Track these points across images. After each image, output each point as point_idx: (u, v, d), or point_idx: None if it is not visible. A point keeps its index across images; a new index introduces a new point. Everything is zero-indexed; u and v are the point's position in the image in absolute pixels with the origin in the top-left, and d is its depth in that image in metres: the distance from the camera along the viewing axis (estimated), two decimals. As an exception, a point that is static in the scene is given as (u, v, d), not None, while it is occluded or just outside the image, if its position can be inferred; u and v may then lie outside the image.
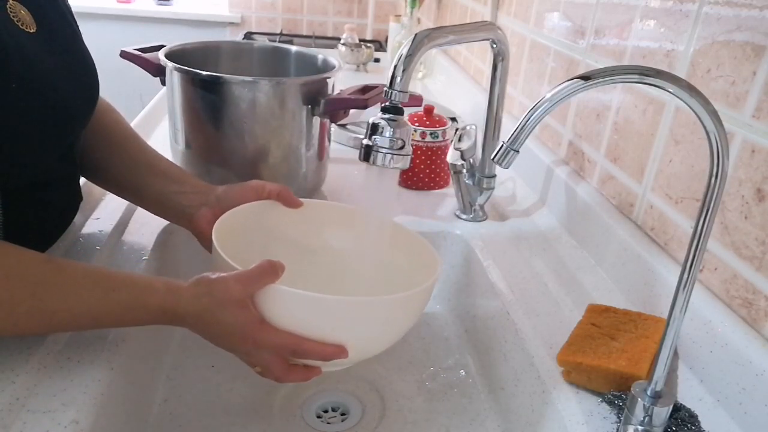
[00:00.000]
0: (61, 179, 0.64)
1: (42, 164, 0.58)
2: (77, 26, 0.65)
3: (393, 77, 0.59)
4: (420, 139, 0.95)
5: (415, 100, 1.08)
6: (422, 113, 0.97)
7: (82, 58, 0.63)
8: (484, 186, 0.86)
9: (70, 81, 0.59)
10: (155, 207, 0.71)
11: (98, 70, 0.66)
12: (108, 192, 0.83)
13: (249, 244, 0.64)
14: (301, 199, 0.68)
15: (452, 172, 0.88)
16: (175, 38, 0.95)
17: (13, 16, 0.53)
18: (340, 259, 0.70)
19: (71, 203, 0.70)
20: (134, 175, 0.70)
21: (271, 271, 0.51)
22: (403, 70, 0.59)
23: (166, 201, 0.69)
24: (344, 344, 0.53)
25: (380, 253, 0.67)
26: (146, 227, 0.76)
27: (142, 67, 0.87)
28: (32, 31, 0.55)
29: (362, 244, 0.69)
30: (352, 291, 0.54)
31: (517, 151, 0.47)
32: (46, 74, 0.55)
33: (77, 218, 0.74)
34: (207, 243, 0.61)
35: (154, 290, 0.51)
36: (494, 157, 0.48)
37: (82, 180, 0.74)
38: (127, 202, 0.80)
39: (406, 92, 0.60)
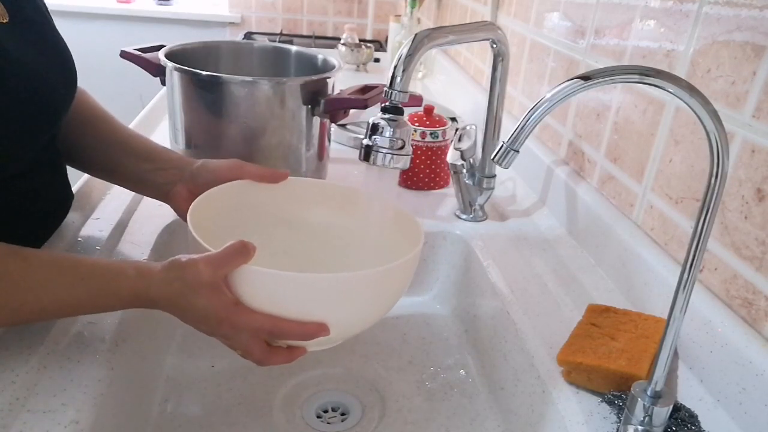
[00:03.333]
0: (44, 166, 0.64)
1: (25, 154, 0.57)
2: (49, 15, 0.65)
3: (393, 77, 0.59)
4: (420, 139, 0.95)
5: (415, 100, 1.08)
6: (422, 113, 0.97)
7: (57, 47, 0.63)
8: (484, 186, 0.86)
9: (49, 70, 0.58)
10: (132, 185, 0.71)
11: (98, 70, 0.66)
12: (108, 192, 0.83)
13: (230, 225, 0.63)
14: (288, 177, 0.66)
15: (452, 172, 0.88)
16: (175, 38, 0.95)
17: None
18: (325, 236, 0.69)
19: (60, 192, 0.69)
20: (108, 156, 0.70)
21: (242, 252, 0.49)
22: (403, 70, 0.59)
23: (141, 180, 0.68)
24: (324, 322, 0.52)
25: (367, 229, 0.65)
26: (146, 227, 0.76)
27: (142, 67, 0.87)
28: (5, 21, 0.54)
29: (348, 221, 0.68)
30: (337, 268, 0.52)
31: (517, 151, 0.47)
32: (23, 64, 0.54)
33: (77, 218, 0.74)
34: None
35: (125, 276, 0.50)
36: (494, 157, 0.48)
37: (82, 180, 0.74)
38: (127, 203, 0.80)
39: (406, 92, 0.60)
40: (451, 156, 0.88)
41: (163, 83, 0.86)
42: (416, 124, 0.95)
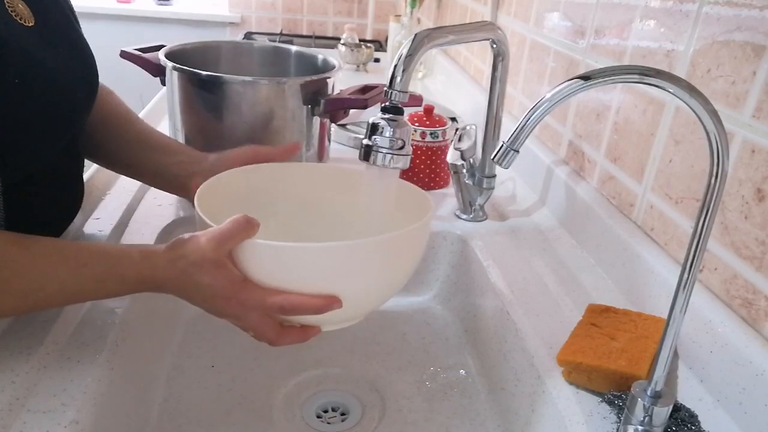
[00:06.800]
0: (63, 172, 0.64)
1: (44, 157, 0.58)
2: (76, 19, 0.65)
3: (393, 77, 0.59)
4: (420, 139, 0.95)
5: (415, 100, 1.08)
6: (422, 113, 0.97)
7: (81, 51, 0.63)
8: (484, 186, 0.86)
9: (70, 74, 0.59)
10: (152, 180, 0.72)
11: (98, 70, 0.66)
12: (108, 192, 0.83)
13: (238, 209, 0.63)
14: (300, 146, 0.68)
15: (452, 172, 0.88)
16: (175, 38, 0.95)
17: (11, 10, 0.52)
18: (335, 217, 0.69)
19: (74, 196, 0.70)
20: (128, 151, 0.71)
21: (246, 226, 0.49)
22: (403, 70, 0.59)
23: (161, 173, 0.69)
24: (336, 295, 0.50)
25: (375, 208, 0.64)
26: (146, 227, 0.76)
27: (142, 67, 0.87)
28: (30, 24, 0.54)
29: (357, 202, 0.67)
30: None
31: (517, 151, 0.47)
32: (46, 68, 0.55)
33: (77, 218, 0.74)
34: None
35: (130, 260, 0.50)
36: (494, 157, 0.48)
37: (84, 177, 0.74)
38: (127, 203, 0.80)
39: (406, 92, 0.60)
40: (451, 156, 0.88)
41: (163, 83, 0.86)
42: (416, 124, 0.95)
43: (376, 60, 1.99)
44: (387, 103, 0.60)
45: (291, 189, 0.68)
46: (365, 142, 0.59)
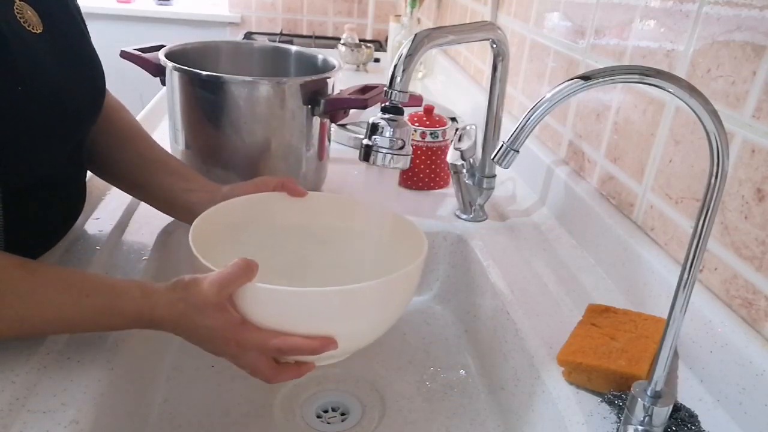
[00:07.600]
0: (67, 179, 0.64)
1: (48, 164, 0.58)
2: (85, 27, 0.65)
3: (393, 77, 0.59)
4: (420, 139, 0.95)
5: (415, 100, 1.08)
6: (422, 113, 0.97)
7: (88, 59, 0.63)
8: (484, 186, 0.86)
9: (77, 82, 0.59)
10: (163, 204, 0.72)
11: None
12: (108, 192, 0.83)
13: (232, 241, 0.64)
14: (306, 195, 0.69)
15: (452, 172, 0.88)
16: (175, 38, 0.95)
17: (20, 17, 0.53)
18: (330, 247, 0.69)
19: (76, 203, 0.70)
20: (143, 173, 0.71)
21: (246, 270, 0.50)
22: (403, 70, 0.59)
23: (174, 198, 0.70)
24: (332, 335, 0.52)
25: (377, 241, 0.66)
26: (146, 227, 0.76)
27: (142, 67, 0.87)
28: (38, 31, 0.55)
29: (352, 232, 0.68)
30: (343, 279, 0.53)
31: (517, 151, 0.47)
32: (52, 75, 0.55)
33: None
34: None
35: (130, 296, 0.50)
36: (494, 157, 0.48)
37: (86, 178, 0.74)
38: (127, 203, 0.80)
39: (406, 92, 0.60)
40: (451, 156, 0.88)
41: (163, 83, 0.86)
42: (416, 124, 0.95)
43: (376, 60, 1.99)
44: (387, 103, 0.60)
45: (282, 217, 0.68)
46: (365, 142, 0.59)
